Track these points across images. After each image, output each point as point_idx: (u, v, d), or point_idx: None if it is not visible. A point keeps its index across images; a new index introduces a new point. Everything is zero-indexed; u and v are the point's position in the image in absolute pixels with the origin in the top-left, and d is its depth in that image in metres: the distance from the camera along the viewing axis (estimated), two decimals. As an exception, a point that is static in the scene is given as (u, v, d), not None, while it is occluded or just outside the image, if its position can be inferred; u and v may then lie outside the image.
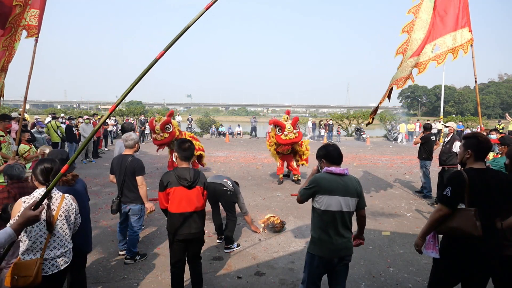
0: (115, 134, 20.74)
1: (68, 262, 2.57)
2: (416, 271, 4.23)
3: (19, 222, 1.95)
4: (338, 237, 2.79)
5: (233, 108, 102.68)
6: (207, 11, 2.06)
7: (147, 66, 1.95)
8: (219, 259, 4.49)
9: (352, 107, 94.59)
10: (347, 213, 2.80)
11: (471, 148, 2.56)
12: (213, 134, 25.40)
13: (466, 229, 2.38)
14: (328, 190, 2.76)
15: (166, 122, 8.60)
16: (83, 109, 66.75)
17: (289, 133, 8.07)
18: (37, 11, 4.72)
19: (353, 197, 2.80)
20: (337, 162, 2.88)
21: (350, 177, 2.86)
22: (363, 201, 2.88)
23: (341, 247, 2.81)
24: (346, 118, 27.31)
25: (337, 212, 2.77)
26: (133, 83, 1.94)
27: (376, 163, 12.91)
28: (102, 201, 7.12)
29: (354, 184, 2.83)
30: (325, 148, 2.95)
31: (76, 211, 2.66)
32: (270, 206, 6.90)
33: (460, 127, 23.54)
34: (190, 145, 3.36)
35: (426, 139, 7.91)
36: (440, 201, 2.61)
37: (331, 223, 2.78)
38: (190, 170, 3.33)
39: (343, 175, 2.82)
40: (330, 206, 2.76)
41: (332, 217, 2.77)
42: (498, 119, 35.44)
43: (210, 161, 12.89)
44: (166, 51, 1.97)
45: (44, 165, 2.55)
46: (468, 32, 5.54)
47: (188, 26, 2.00)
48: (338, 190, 2.76)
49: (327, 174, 2.84)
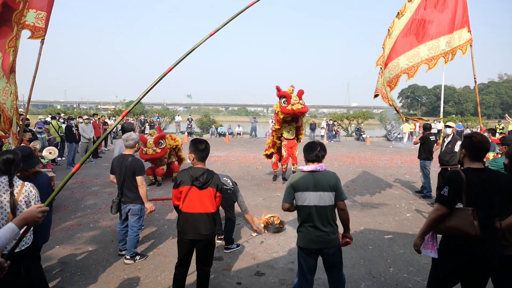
0: (115, 134, 20.75)
1: (28, 243, 2.84)
2: (416, 271, 4.23)
3: (22, 218, 1.97)
4: (314, 230, 2.98)
5: (233, 108, 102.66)
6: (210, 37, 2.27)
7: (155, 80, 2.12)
8: (219, 259, 4.49)
9: (352, 107, 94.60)
10: (323, 207, 2.97)
11: (465, 147, 2.62)
12: (213, 134, 25.40)
13: (464, 228, 2.39)
14: (301, 187, 3.00)
15: (161, 136, 8.34)
16: (83, 109, 66.72)
17: (295, 103, 8.07)
18: (44, 13, 4.75)
19: (326, 191, 2.97)
20: (311, 159, 3.07)
21: (323, 173, 3.03)
22: (340, 194, 3.01)
23: (318, 239, 2.98)
24: (346, 118, 27.32)
25: (311, 206, 2.97)
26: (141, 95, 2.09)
27: (376, 163, 12.91)
28: (102, 201, 7.12)
29: (327, 178, 2.99)
30: (305, 145, 3.15)
31: (36, 197, 2.86)
32: (270, 206, 6.90)
33: (460, 127, 23.55)
34: (206, 145, 3.34)
35: (425, 139, 7.91)
36: (438, 200, 2.61)
37: (307, 217, 3.00)
38: (204, 170, 3.29)
39: (314, 171, 3.01)
40: (304, 201, 2.99)
41: (307, 211, 2.99)
42: (498, 119, 35.44)
43: (210, 161, 12.89)
44: (174, 67, 2.18)
45: (7, 156, 2.75)
46: (467, 32, 5.55)
47: (193, 48, 2.21)
48: (309, 186, 2.98)
49: (300, 172, 3.09)
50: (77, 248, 4.77)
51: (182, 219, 3.27)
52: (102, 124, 15.18)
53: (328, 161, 13.37)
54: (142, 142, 8.09)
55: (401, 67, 5.59)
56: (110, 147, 16.69)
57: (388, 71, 5.63)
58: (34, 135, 8.82)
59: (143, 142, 8.11)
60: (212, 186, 3.28)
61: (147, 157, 8.19)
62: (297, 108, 8.09)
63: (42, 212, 1.99)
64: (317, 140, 4.05)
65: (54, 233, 5.29)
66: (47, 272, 4.04)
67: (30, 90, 4.81)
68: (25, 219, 1.96)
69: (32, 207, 2.05)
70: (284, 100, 8.23)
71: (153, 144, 8.16)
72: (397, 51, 5.59)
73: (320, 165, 3.04)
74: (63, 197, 7.33)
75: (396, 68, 5.62)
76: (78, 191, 8.01)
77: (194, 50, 2.20)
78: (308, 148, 3.10)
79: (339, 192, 3.01)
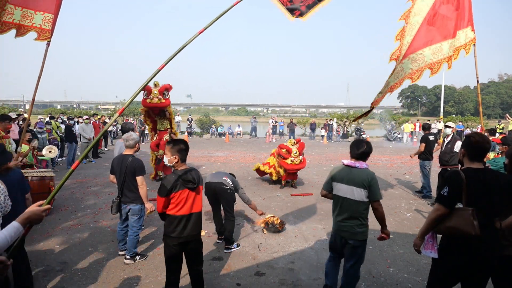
0: (115, 134, 20.74)
1: None
2: (416, 271, 4.23)
3: (24, 217, 1.98)
4: (339, 219, 3.25)
5: (233, 108, 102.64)
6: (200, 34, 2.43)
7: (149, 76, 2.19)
8: (219, 259, 4.49)
9: (352, 107, 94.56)
10: (353, 201, 3.17)
11: (464, 147, 2.64)
12: (213, 134, 25.40)
13: (464, 228, 2.39)
14: (337, 178, 3.28)
15: (167, 87, 8.33)
16: (83, 109, 66.71)
17: (295, 158, 8.03)
18: (51, 16, 4.77)
19: (359, 187, 3.13)
20: (354, 156, 3.30)
21: (361, 170, 3.20)
22: (373, 194, 3.13)
23: (342, 229, 3.23)
24: (346, 118, 27.32)
25: (341, 197, 3.23)
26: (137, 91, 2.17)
27: (376, 163, 12.91)
28: (102, 201, 7.12)
29: (362, 176, 3.15)
30: (354, 144, 3.36)
31: (4, 193, 2.80)
32: (270, 206, 6.90)
33: (460, 127, 23.54)
34: (186, 144, 3.25)
35: (424, 140, 7.86)
36: (437, 200, 2.61)
37: (335, 205, 3.31)
38: (191, 171, 3.20)
39: (352, 167, 3.23)
40: (338, 191, 3.28)
41: (337, 201, 3.28)
42: (498, 119, 35.42)
43: (210, 161, 12.90)
44: (166, 64, 2.27)
45: None
46: (471, 31, 5.46)
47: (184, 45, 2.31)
48: (344, 179, 3.23)
49: (341, 165, 3.35)
50: (77, 248, 4.77)
51: (174, 223, 3.12)
52: (102, 124, 15.18)
53: (328, 161, 13.38)
54: (147, 90, 8.12)
55: (425, 61, 5.16)
56: (110, 147, 16.69)
57: (411, 62, 5.18)
58: (34, 135, 8.82)
59: (148, 91, 8.10)
60: (201, 183, 3.30)
61: (152, 105, 8.17)
62: (295, 163, 8.08)
63: (44, 210, 2.01)
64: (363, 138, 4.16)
65: (54, 233, 5.29)
66: (47, 272, 4.05)
67: (34, 92, 4.81)
68: (28, 218, 1.97)
69: (34, 205, 2.04)
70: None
71: (158, 94, 8.11)
72: (422, 40, 5.17)
73: (360, 162, 3.24)
74: (63, 197, 7.33)
75: (421, 61, 5.17)
76: (78, 191, 8.01)
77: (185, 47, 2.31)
78: (355, 145, 3.32)
79: (372, 192, 3.13)
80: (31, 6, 4.58)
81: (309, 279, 4.01)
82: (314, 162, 12.99)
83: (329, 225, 5.89)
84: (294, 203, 7.20)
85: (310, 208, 6.83)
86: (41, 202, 2.06)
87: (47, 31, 4.76)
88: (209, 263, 4.35)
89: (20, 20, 4.50)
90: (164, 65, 2.22)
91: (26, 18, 4.55)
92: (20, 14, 4.47)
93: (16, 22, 4.47)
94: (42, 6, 4.68)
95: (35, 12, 4.62)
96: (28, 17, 4.57)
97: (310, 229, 5.68)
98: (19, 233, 1.93)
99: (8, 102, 72.27)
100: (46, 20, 4.73)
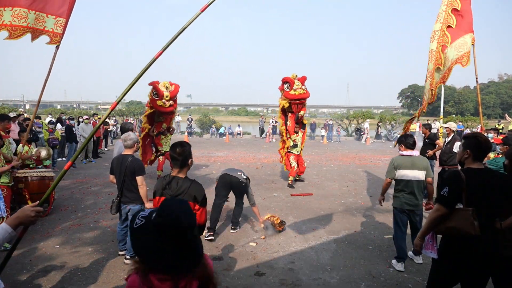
0: (115, 134, 20.73)
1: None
2: (416, 271, 4.23)
3: (15, 216, 1.89)
4: (408, 196, 4.22)
5: (233, 108, 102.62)
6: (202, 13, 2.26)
7: (145, 65, 2.08)
8: (219, 259, 4.49)
9: (352, 107, 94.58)
10: (417, 181, 4.20)
11: (470, 148, 2.57)
12: (213, 134, 25.39)
13: (464, 228, 2.39)
14: (402, 166, 4.24)
15: (177, 91, 8.38)
16: (83, 109, 66.72)
17: (298, 88, 8.16)
18: (63, 20, 4.77)
19: (420, 170, 4.20)
20: (409, 147, 4.29)
21: (418, 157, 4.32)
22: (429, 172, 4.26)
23: (410, 203, 4.22)
24: (346, 118, 27.32)
25: (409, 180, 4.21)
26: (132, 82, 2.05)
27: (376, 163, 12.90)
28: (102, 201, 7.12)
29: (421, 161, 4.28)
30: (404, 137, 4.40)
31: None
32: (270, 206, 6.90)
33: (460, 127, 23.54)
34: (184, 148, 2.91)
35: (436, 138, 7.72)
36: (438, 201, 2.61)
37: (405, 187, 4.24)
38: (180, 180, 2.91)
39: (412, 156, 4.28)
40: (402, 176, 4.23)
41: (405, 183, 4.23)
42: (498, 119, 35.39)
43: (210, 161, 12.90)
44: (163, 50, 2.16)
45: None
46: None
47: (184, 27, 2.19)
48: (408, 165, 4.21)
49: (399, 156, 4.35)
50: (77, 248, 4.76)
51: None
52: (102, 124, 15.14)
53: (328, 161, 13.37)
54: (159, 93, 8.11)
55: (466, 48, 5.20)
56: (110, 147, 16.68)
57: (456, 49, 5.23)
58: (34, 135, 8.82)
59: (160, 94, 8.10)
60: (188, 198, 2.83)
61: (166, 109, 8.25)
62: (299, 93, 8.21)
63: (36, 212, 1.91)
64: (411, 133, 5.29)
65: (54, 233, 5.29)
66: (47, 272, 4.05)
67: (40, 94, 4.81)
68: (18, 218, 1.88)
69: (27, 206, 1.95)
70: (287, 85, 8.37)
71: (170, 98, 8.17)
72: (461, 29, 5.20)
73: (415, 151, 4.30)
74: (63, 197, 7.32)
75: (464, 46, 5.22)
76: (78, 191, 8.01)
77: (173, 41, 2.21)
78: (407, 138, 4.33)
79: (428, 172, 4.25)
80: (44, 10, 4.58)
81: (309, 279, 4.01)
82: (314, 162, 12.98)
83: (329, 225, 5.90)
84: (294, 203, 7.20)
85: (310, 208, 6.83)
86: (35, 204, 1.96)
87: (58, 35, 4.78)
88: (209, 263, 4.34)
89: (34, 24, 4.50)
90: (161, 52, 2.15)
91: (38, 21, 4.55)
92: (34, 18, 4.47)
93: (31, 26, 4.47)
94: (54, 10, 4.69)
95: (47, 15, 4.63)
96: (41, 20, 4.57)
97: (310, 229, 5.68)
98: (8, 234, 1.83)
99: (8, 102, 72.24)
100: (58, 24, 4.74)
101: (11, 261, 4.27)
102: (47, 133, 10.79)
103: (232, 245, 4.95)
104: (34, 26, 4.51)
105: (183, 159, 2.90)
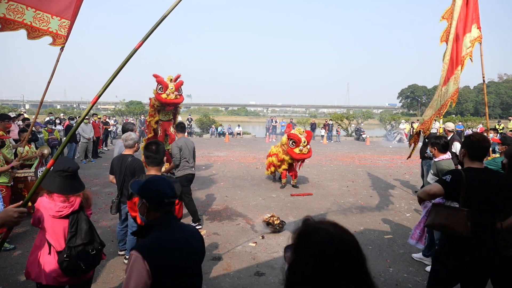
0: (115, 134, 20.74)
1: None
2: (416, 271, 4.23)
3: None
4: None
5: (233, 108, 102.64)
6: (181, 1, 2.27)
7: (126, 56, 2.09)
8: (219, 259, 4.49)
9: (352, 107, 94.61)
10: None
11: (464, 146, 2.65)
12: (212, 134, 25.40)
13: (456, 228, 2.41)
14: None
15: (182, 84, 8.13)
16: (83, 109, 66.67)
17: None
18: (68, 22, 4.77)
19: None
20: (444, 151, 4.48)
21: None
22: None
23: None
24: (346, 118, 27.31)
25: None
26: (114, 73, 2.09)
27: (376, 163, 12.91)
28: (102, 201, 7.12)
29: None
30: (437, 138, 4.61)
31: None
32: (270, 206, 6.90)
33: (459, 127, 23.54)
34: (159, 147, 2.90)
35: None
36: (438, 181, 2.64)
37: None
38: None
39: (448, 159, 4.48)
40: None
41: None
42: (498, 119, 35.41)
43: (209, 161, 12.89)
44: (143, 41, 2.21)
45: None
46: (476, 29, 5.33)
47: (165, 15, 2.21)
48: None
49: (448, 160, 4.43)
50: (77, 248, 4.76)
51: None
52: (102, 124, 15.16)
53: (328, 161, 13.37)
54: (162, 85, 7.78)
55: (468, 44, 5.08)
56: (110, 147, 16.68)
57: (470, 41, 5.14)
58: (34, 135, 8.81)
59: (164, 86, 7.77)
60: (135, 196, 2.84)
61: (172, 101, 7.83)
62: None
63: (19, 213, 1.86)
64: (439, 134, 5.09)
65: (54, 233, 5.28)
66: (47, 272, 4.04)
67: (43, 95, 4.81)
68: (0, 219, 1.84)
69: (9, 207, 1.91)
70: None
71: (175, 89, 7.83)
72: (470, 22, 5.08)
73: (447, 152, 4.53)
74: (63, 197, 7.31)
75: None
76: (78, 191, 7.99)
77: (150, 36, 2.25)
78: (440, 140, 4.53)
79: None
80: (48, 10, 4.56)
81: (309, 279, 4.01)
82: (314, 162, 12.98)
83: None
84: (294, 203, 7.20)
85: (310, 208, 6.83)
86: (18, 205, 1.92)
87: (62, 36, 4.77)
88: (209, 263, 4.35)
89: (33, 22, 4.48)
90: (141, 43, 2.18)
91: (42, 21, 4.54)
92: (32, 15, 4.45)
93: (27, 23, 4.45)
94: (60, 12, 4.67)
95: (52, 16, 4.61)
96: (44, 20, 4.56)
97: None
98: None
99: (8, 102, 72.22)
100: (62, 26, 4.73)
101: (11, 261, 4.28)
102: (47, 133, 10.79)
103: (232, 245, 4.95)
104: (34, 25, 4.50)
105: (160, 157, 2.95)
